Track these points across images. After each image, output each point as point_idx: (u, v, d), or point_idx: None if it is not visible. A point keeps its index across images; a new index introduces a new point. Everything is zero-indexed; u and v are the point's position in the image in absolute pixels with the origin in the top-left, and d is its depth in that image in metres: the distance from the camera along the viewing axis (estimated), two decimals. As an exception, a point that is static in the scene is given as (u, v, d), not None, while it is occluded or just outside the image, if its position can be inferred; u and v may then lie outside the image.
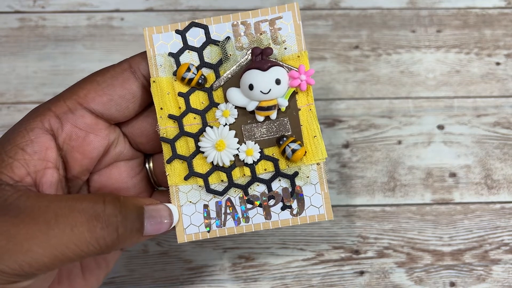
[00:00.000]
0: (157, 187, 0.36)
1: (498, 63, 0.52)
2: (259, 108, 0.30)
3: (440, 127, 0.49)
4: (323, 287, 0.44)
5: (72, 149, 0.30)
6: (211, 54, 0.31)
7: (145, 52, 0.31)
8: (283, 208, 0.31)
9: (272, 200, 0.31)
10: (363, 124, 0.49)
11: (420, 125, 0.49)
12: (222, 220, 0.31)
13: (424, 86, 0.51)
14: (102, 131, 0.31)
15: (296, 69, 0.30)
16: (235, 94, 0.30)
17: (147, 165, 0.35)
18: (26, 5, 0.53)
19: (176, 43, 0.31)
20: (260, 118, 0.30)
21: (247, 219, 0.31)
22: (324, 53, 0.52)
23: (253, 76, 0.29)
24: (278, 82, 0.29)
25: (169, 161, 0.31)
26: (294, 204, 0.31)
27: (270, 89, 0.29)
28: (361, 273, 0.45)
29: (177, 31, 0.31)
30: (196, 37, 0.31)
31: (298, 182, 0.31)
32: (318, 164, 0.30)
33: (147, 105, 0.33)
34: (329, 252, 0.45)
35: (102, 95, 0.30)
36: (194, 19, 0.32)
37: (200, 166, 0.31)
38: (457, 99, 0.50)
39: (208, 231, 0.31)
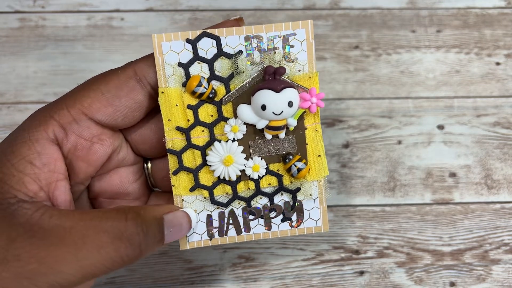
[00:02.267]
0: (153, 188, 0.36)
1: (498, 63, 0.52)
2: (269, 127, 0.30)
3: (440, 127, 0.49)
4: (323, 287, 0.44)
5: (77, 158, 0.30)
6: (222, 67, 0.30)
7: (150, 56, 0.30)
8: (283, 220, 0.32)
9: (273, 212, 0.32)
10: (363, 124, 0.49)
11: (420, 125, 0.49)
12: (224, 229, 0.32)
13: (424, 86, 0.51)
14: (107, 140, 0.31)
15: (307, 90, 0.30)
16: (245, 112, 0.30)
17: (145, 169, 0.35)
18: (26, 5, 0.53)
19: (186, 52, 0.30)
20: (269, 136, 0.31)
21: (248, 229, 0.32)
22: (324, 53, 0.52)
23: (266, 96, 0.29)
24: (290, 104, 0.29)
25: (176, 173, 0.31)
26: (294, 217, 0.32)
27: (282, 111, 0.29)
28: (361, 273, 0.45)
29: (188, 41, 0.30)
30: (207, 48, 0.30)
31: (299, 197, 0.32)
32: (319, 180, 0.32)
33: (151, 110, 0.32)
34: (329, 252, 0.45)
35: (107, 105, 0.29)
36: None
37: (205, 178, 0.31)
38: (457, 99, 0.50)
39: (210, 239, 0.32)
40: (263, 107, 0.29)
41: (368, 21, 0.53)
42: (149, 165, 0.35)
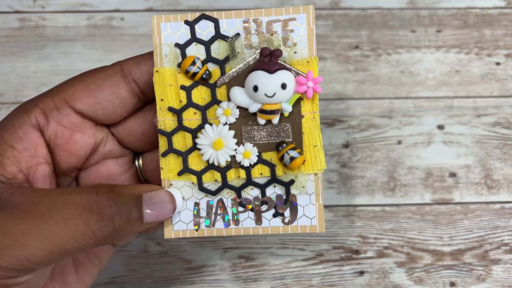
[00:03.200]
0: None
1: (498, 63, 0.52)
2: (262, 111, 0.29)
3: (440, 127, 0.49)
4: (323, 287, 0.44)
5: (58, 147, 0.30)
6: (219, 50, 0.30)
7: (138, 56, 0.31)
8: (275, 215, 0.30)
9: (264, 205, 0.30)
10: (363, 124, 0.49)
11: (420, 125, 0.49)
12: (212, 220, 0.30)
13: (424, 86, 0.51)
14: (88, 130, 0.31)
15: (304, 74, 0.29)
16: (238, 94, 0.29)
17: (136, 162, 0.35)
18: (26, 5, 0.53)
19: (184, 34, 0.30)
20: (262, 121, 0.29)
21: (237, 222, 0.30)
22: (324, 53, 0.52)
23: (259, 77, 0.28)
24: (284, 86, 0.28)
25: (164, 154, 0.30)
26: (287, 212, 0.30)
27: (275, 93, 0.28)
28: (361, 273, 0.45)
29: (186, 22, 0.30)
30: (205, 30, 0.30)
31: (293, 190, 0.30)
32: (315, 174, 0.30)
33: (136, 110, 0.32)
34: (329, 252, 0.45)
35: (89, 96, 0.30)
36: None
37: (195, 163, 0.30)
38: (457, 99, 0.50)
39: (196, 230, 0.30)
40: (255, 88, 0.28)
41: (368, 21, 0.53)
42: (140, 161, 0.35)
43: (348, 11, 0.53)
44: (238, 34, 0.30)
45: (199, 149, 0.30)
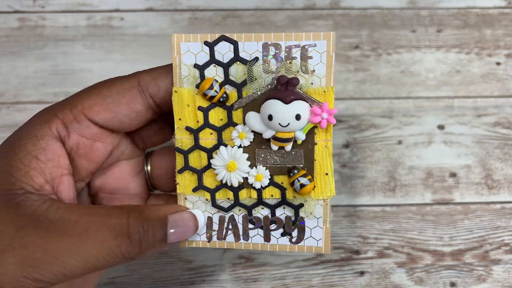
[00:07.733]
0: (153, 190, 0.36)
1: (498, 63, 0.51)
2: (275, 138, 0.30)
3: (441, 127, 0.49)
4: (323, 287, 0.44)
5: (79, 156, 0.31)
6: (237, 73, 0.30)
7: (155, 69, 0.31)
8: (283, 234, 0.31)
9: (273, 224, 0.31)
10: (363, 124, 0.49)
11: (420, 125, 0.49)
12: (223, 234, 0.32)
13: (425, 86, 0.51)
14: (108, 138, 0.32)
15: (320, 103, 0.29)
16: (253, 119, 0.30)
17: (145, 168, 0.35)
18: (25, 5, 0.53)
19: (203, 54, 0.30)
20: (275, 147, 0.30)
21: (247, 237, 0.32)
22: (324, 53, 0.52)
23: (274, 107, 0.29)
24: (298, 117, 0.29)
25: (181, 171, 0.31)
26: (294, 233, 0.31)
27: (289, 123, 0.29)
28: (361, 273, 0.45)
29: (206, 43, 0.30)
30: (224, 51, 0.30)
31: (302, 213, 0.31)
32: (324, 200, 0.31)
33: (150, 121, 0.33)
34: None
35: (107, 110, 0.30)
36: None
37: (209, 180, 0.31)
38: (458, 99, 0.50)
39: (208, 241, 0.32)
40: (270, 117, 0.29)
41: (369, 21, 0.53)
42: (149, 167, 0.35)
43: (348, 11, 0.53)
44: (256, 58, 0.30)
45: (214, 169, 0.31)
